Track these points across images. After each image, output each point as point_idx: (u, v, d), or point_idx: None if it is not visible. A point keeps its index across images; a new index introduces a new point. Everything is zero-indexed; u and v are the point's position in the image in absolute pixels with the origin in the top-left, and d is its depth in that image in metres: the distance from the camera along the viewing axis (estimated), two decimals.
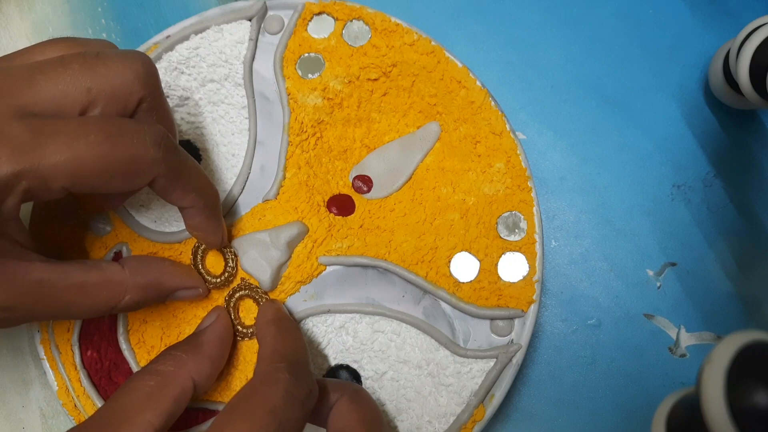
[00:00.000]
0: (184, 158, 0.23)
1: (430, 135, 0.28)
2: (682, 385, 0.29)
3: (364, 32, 0.29)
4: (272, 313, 0.25)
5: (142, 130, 0.20)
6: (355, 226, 0.27)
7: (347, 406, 0.22)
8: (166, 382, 0.22)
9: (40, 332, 0.27)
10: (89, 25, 0.33)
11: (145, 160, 0.20)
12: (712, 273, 0.30)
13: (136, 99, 0.21)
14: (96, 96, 0.20)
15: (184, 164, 0.22)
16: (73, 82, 0.20)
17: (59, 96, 0.20)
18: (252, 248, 0.26)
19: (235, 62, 0.28)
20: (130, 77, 0.21)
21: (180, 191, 0.22)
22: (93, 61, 0.20)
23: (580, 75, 0.32)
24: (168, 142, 0.21)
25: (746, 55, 0.27)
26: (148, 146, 0.20)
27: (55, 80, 0.20)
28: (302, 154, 0.28)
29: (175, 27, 0.29)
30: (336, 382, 0.24)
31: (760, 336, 0.16)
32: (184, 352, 0.23)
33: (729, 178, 0.31)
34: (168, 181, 0.21)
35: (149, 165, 0.20)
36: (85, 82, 0.20)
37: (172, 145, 0.22)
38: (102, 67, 0.20)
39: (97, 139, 0.19)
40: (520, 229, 0.27)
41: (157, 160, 0.21)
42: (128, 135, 0.20)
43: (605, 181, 0.31)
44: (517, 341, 0.26)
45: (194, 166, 0.23)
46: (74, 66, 0.20)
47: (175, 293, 0.25)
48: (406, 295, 0.27)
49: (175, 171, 0.22)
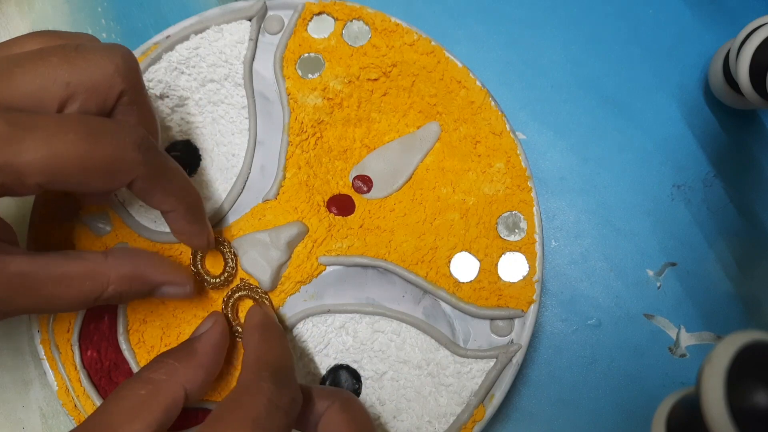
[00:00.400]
0: (164, 161, 0.22)
1: (430, 135, 0.28)
2: (682, 385, 0.29)
3: (364, 32, 0.29)
4: (258, 319, 0.25)
5: (122, 130, 0.20)
6: (355, 226, 0.27)
7: (338, 415, 0.22)
8: (157, 391, 0.22)
9: (40, 332, 0.27)
10: (89, 25, 0.33)
11: (123, 161, 0.20)
12: (712, 273, 0.30)
13: (116, 93, 0.21)
14: (75, 90, 0.20)
15: (165, 167, 0.22)
16: (52, 76, 0.20)
17: (38, 90, 0.19)
18: (252, 248, 0.26)
19: (235, 62, 0.28)
20: (110, 71, 0.20)
21: (160, 195, 0.22)
22: (72, 55, 0.20)
23: (580, 75, 0.32)
24: (148, 144, 0.21)
25: (746, 55, 0.27)
26: (127, 147, 0.20)
27: (34, 74, 0.20)
28: (302, 154, 0.28)
29: (175, 27, 0.29)
30: (326, 390, 0.23)
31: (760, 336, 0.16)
32: (177, 360, 0.23)
33: (729, 178, 0.31)
34: (147, 183, 0.21)
35: (128, 166, 0.20)
36: (64, 75, 0.20)
37: (153, 147, 0.21)
38: (81, 61, 0.20)
39: (76, 137, 0.19)
40: (520, 229, 0.27)
41: (136, 161, 0.20)
42: (107, 135, 0.20)
43: (605, 181, 0.31)
44: (517, 341, 0.26)
45: (175, 169, 0.23)
46: (53, 59, 0.20)
47: (162, 288, 0.24)
48: (406, 295, 0.27)
49: (155, 173, 0.21)
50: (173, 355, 0.23)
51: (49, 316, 0.27)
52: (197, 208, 0.24)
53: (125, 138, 0.20)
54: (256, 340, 0.23)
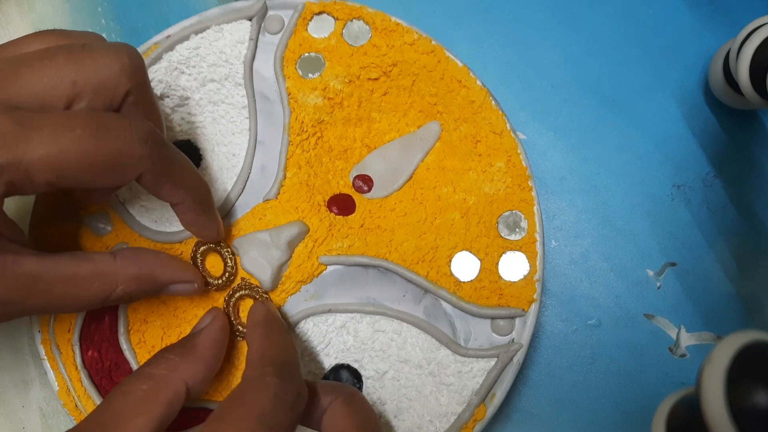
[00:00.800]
0: (172, 154, 0.22)
1: (431, 134, 0.28)
2: (682, 385, 0.29)
3: (364, 32, 0.29)
4: (261, 315, 0.25)
5: (128, 125, 0.20)
6: (355, 225, 0.27)
7: (342, 409, 0.22)
8: (158, 386, 0.22)
9: (41, 332, 0.27)
10: (89, 25, 0.33)
11: (130, 156, 0.20)
12: (712, 273, 0.30)
13: (122, 92, 0.21)
14: (82, 89, 0.20)
15: (172, 160, 0.22)
16: (59, 75, 0.20)
17: (45, 89, 0.20)
18: (252, 248, 0.26)
19: (236, 62, 0.28)
20: (116, 70, 0.21)
21: (169, 187, 0.22)
22: (79, 54, 0.20)
23: (580, 75, 0.32)
24: (155, 138, 0.21)
25: (746, 55, 0.27)
26: (134, 142, 0.20)
27: (41, 73, 0.20)
28: (303, 153, 0.28)
29: (176, 27, 0.29)
30: (330, 384, 0.23)
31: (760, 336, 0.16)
32: (178, 355, 0.23)
33: (729, 178, 0.31)
34: (155, 177, 0.21)
35: (135, 161, 0.20)
36: (70, 75, 0.20)
37: (160, 141, 0.21)
38: (88, 60, 0.20)
39: (83, 133, 0.19)
40: (520, 229, 0.27)
41: (143, 156, 0.20)
42: (114, 130, 0.20)
43: (605, 181, 0.31)
44: (518, 340, 0.26)
45: (183, 162, 0.23)
46: (60, 58, 0.20)
47: (170, 287, 0.25)
48: (406, 294, 0.27)
49: (163, 167, 0.21)
50: (174, 351, 0.23)
51: (50, 316, 0.27)
52: (206, 200, 0.24)
53: (132, 133, 0.20)
54: (260, 336, 0.23)
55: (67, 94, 0.20)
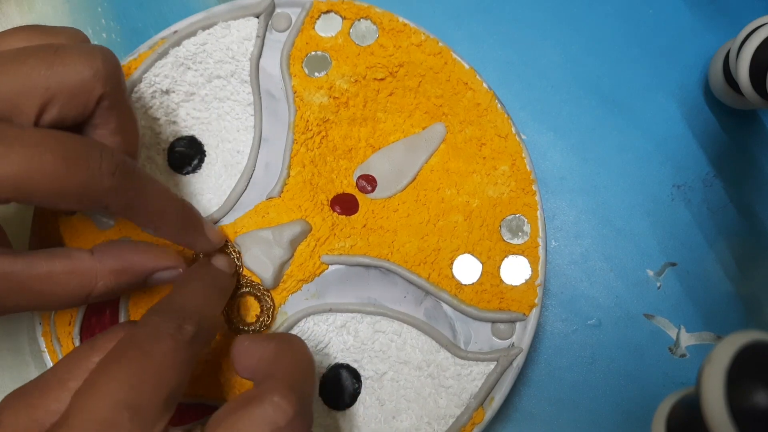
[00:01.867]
0: (142, 184, 0.21)
1: (436, 136, 0.28)
2: (682, 385, 0.29)
3: (371, 32, 0.29)
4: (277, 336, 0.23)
5: (98, 156, 0.20)
6: (358, 225, 0.27)
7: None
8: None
9: (42, 324, 0.27)
10: (89, 25, 0.33)
11: (96, 190, 0.20)
12: (712, 273, 0.30)
13: (95, 97, 0.21)
14: (54, 94, 0.20)
15: (142, 191, 0.21)
16: (31, 80, 0.19)
17: (16, 95, 0.19)
18: (255, 245, 0.26)
19: (242, 59, 0.28)
20: (89, 75, 0.20)
21: (140, 218, 0.22)
22: (51, 58, 0.20)
23: (580, 75, 0.32)
24: (125, 170, 0.20)
25: (746, 55, 0.27)
26: (102, 174, 0.20)
27: (13, 76, 0.19)
28: (307, 152, 0.28)
29: (183, 22, 0.29)
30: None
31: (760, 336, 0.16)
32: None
33: (729, 178, 0.31)
34: (123, 209, 0.21)
35: (100, 195, 0.20)
36: (42, 80, 0.19)
37: (129, 172, 0.21)
38: (60, 65, 0.20)
39: (53, 158, 0.19)
40: (523, 233, 0.27)
41: (110, 188, 0.20)
42: (84, 159, 0.19)
43: (605, 181, 0.31)
44: (518, 344, 0.26)
45: (155, 191, 0.22)
46: (31, 62, 0.19)
47: (154, 276, 0.24)
48: (407, 295, 0.27)
49: (129, 199, 0.21)
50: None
51: None
52: (187, 223, 0.24)
53: (102, 164, 0.20)
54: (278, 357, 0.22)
55: (40, 99, 0.19)
